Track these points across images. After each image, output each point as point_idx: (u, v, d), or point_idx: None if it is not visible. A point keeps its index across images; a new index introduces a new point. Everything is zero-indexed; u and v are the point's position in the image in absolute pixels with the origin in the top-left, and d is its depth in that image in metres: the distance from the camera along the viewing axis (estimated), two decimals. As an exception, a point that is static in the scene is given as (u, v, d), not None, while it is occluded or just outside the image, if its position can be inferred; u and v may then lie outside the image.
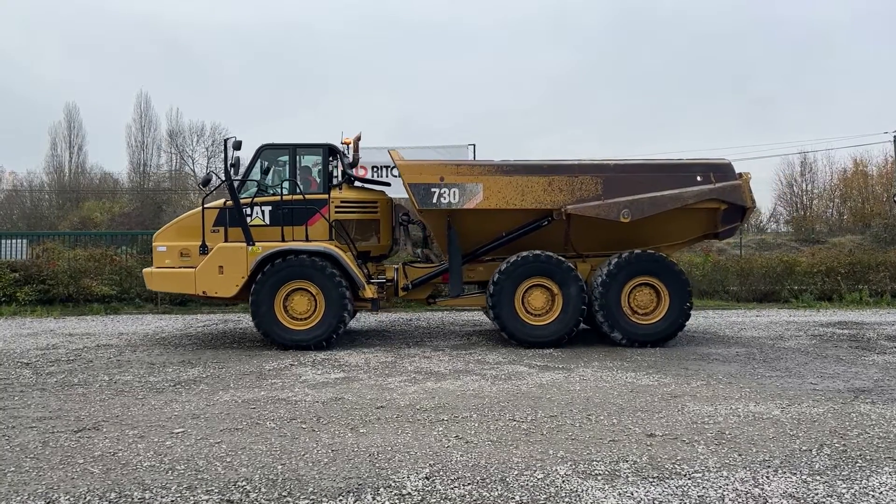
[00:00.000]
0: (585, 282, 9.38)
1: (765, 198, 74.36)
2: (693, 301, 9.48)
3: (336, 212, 9.52)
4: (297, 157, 9.72)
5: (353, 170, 10.59)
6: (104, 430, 5.19)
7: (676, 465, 4.32)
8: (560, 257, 9.26)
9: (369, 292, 9.17)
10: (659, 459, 4.44)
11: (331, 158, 9.72)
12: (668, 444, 4.77)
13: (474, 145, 16.49)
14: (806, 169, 38.80)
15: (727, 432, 5.06)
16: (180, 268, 9.34)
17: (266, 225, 9.37)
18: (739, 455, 4.53)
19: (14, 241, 18.93)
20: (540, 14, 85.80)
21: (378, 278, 9.83)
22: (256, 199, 9.44)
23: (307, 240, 9.31)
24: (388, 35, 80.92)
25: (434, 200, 9.16)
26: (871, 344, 9.66)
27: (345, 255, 9.14)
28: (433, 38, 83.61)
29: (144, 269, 9.90)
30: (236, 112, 62.05)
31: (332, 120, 65.73)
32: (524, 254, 9.21)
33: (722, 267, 16.99)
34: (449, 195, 9.15)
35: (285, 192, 9.44)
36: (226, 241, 9.29)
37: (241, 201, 9.31)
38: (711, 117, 75.28)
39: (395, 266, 10.13)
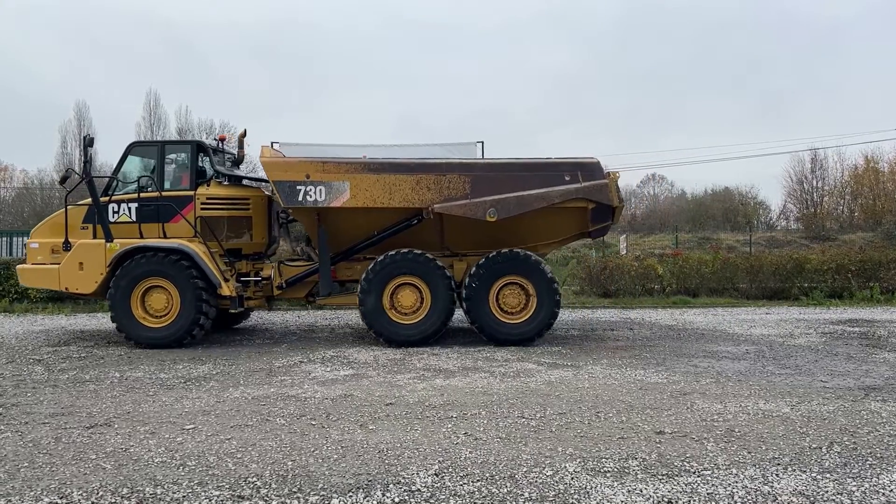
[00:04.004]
0: (461, 281, 9.38)
1: (775, 195, 74.14)
2: (561, 300, 9.42)
3: (202, 208, 9.44)
4: (166, 154, 9.69)
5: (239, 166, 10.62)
6: (116, 426, 5.23)
7: (686, 463, 4.31)
8: (428, 255, 9.18)
9: (226, 290, 9.08)
10: (668, 457, 4.44)
11: (201, 155, 9.68)
12: (677, 442, 4.77)
13: (482, 143, 16.45)
14: (816, 165, 38.47)
15: (737, 430, 5.05)
16: (49, 264, 9.43)
17: (133, 222, 9.39)
18: (749, 453, 4.52)
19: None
20: (546, 9, 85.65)
21: (256, 276, 9.83)
22: (124, 197, 9.46)
23: (164, 236, 9.31)
24: (390, 33, 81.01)
25: (300, 198, 9.07)
26: (881, 341, 9.60)
27: (201, 252, 9.07)
28: (435, 36, 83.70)
29: (17, 266, 10.08)
30: (242, 109, 62.20)
31: (334, 118, 65.86)
32: (392, 252, 9.15)
33: (731, 264, 16.91)
34: (315, 193, 9.06)
35: (151, 189, 9.44)
36: (94, 238, 9.35)
37: (114, 198, 9.41)
38: (720, 112, 75.04)
39: (274, 264, 10.09)
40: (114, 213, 9.40)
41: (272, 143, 10.82)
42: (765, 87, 74.28)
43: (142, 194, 9.37)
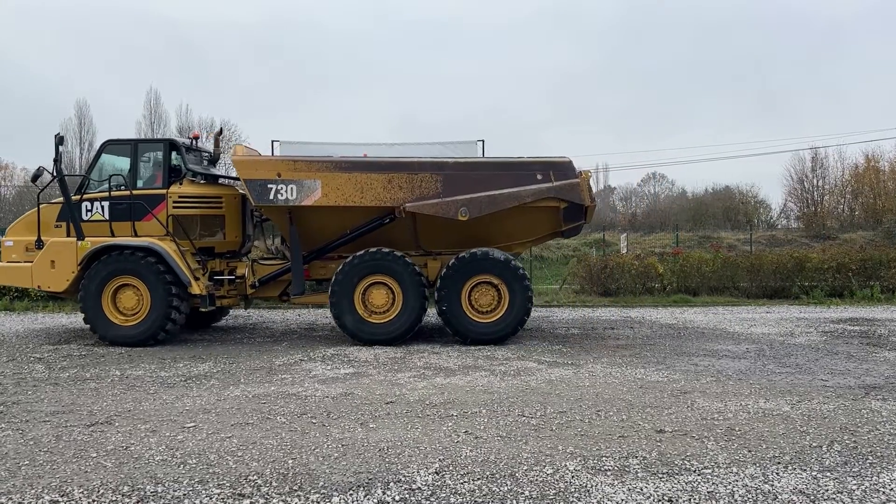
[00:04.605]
0: (434, 282, 9.37)
1: (775, 193, 74.18)
2: (533, 299, 9.39)
3: (174, 207, 9.42)
4: (139, 152, 9.68)
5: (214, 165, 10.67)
6: (116, 424, 5.24)
7: (686, 461, 4.32)
8: (395, 253, 9.15)
9: (197, 288, 9.09)
10: (668, 455, 4.44)
11: (174, 153, 9.66)
12: (677, 440, 4.77)
13: (482, 141, 16.43)
14: (817, 164, 38.36)
15: (737, 428, 5.06)
16: (23, 262, 9.47)
17: (106, 220, 9.39)
18: (749, 451, 4.52)
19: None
20: (547, 8, 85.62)
21: (230, 275, 9.83)
22: (96, 195, 9.47)
23: (135, 235, 9.32)
24: (390, 32, 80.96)
25: (271, 197, 9.04)
26: (882, 340, 9.60)
27: (171, 250, 9.08)
28: (436, 35, 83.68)
29: None
30: (243, 107, 62.18)
31: (334, 116, 65.85)
32: (366, 251, 9.14)
33: (732, 263, 16.90)
34: (286, 191, 9.03)
35: (123, 187, 9.44)
36: (68, 236, 9.37)
37: (86, 196, 9.42)
38: (721, 111, 75.01)
39: (248, 263, 10.07)
40: (87, 211, 9.41)
41: (272, 142, 10.83)
42: (765, 86, 74.28)
43: (113, 193, 9.39)
